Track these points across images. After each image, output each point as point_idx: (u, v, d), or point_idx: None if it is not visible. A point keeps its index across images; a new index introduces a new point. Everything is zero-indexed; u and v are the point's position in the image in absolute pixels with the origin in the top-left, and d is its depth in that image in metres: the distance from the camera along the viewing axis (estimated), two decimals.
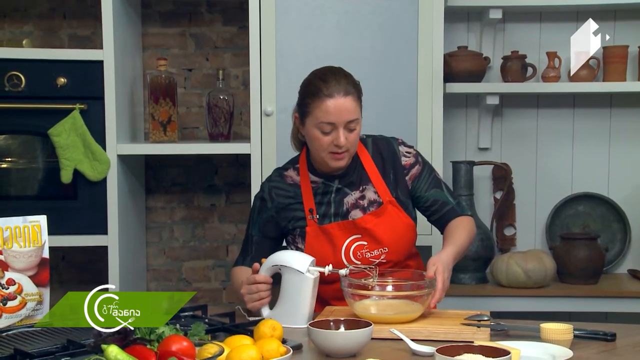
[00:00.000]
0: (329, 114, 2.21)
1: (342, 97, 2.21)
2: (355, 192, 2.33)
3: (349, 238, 2.28)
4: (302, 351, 1.85)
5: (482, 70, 3.36)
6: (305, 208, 2.31)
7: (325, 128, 2.23)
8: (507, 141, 3.55)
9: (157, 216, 3.56)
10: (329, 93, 2.21)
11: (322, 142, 2.24)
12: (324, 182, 2.33)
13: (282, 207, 2.33)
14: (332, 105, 2.20)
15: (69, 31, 3.49)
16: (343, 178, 2.33)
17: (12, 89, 3.00)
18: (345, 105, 2.21)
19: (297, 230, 2.32)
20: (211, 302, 3.51)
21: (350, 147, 2.25)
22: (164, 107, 3.19)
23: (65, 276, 3.53)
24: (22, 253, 2.02)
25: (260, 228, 2.36)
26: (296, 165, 2.38)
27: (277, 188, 2.36)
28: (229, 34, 3.52)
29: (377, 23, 3.03)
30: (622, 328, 2.02)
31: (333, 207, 2.31)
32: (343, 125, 2.22)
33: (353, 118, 2.22)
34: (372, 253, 2.28)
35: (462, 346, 1.66)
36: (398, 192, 2.32)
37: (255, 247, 2.35)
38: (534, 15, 3.49)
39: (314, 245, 2.28)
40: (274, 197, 2.35)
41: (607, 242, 3.47)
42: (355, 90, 2.25)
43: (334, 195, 2.32)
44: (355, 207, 2.31)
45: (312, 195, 2.32)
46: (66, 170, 3.00)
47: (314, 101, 2.24)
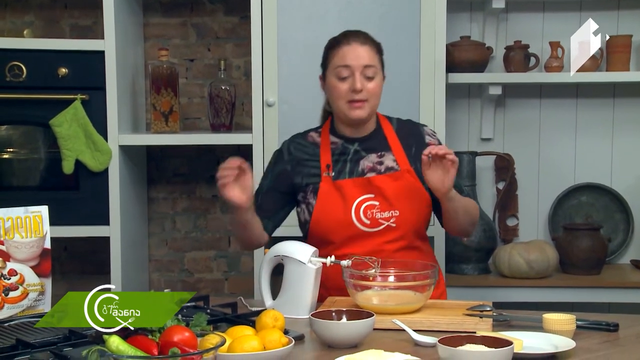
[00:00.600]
0: (344, 58, 2.27)
1: (359, 44, 2.28)
2: (373, 155, 2.34)
3: (361, 196, 2.29)
4: (304, 342, 1.85)
5: (484, 60, 3.35)
6: (322, 164, 2.33)
7: (342, 73, 2.28)
8: (509, 131, 3.54)
9: (159, 207, 3.56)
10: (347, 41, 2.30)
11: (340, 90, 2.28)
12: (344, 143, 2.36)
13: (299, 161, 2.37)
14: (348, 50, 2.28)
15: (70, 21, 3.48)
16: (363, 142, 2.36)
17: (13, 79, 2.99)
18: (361, 51, 2.27)
19: (310, 186, 2.34)
20: (213, 292, 3.51)
21: (369, 97, 2.28)
22: (166, 98, 3.18)
23: (67, 267, 3.53)
24: (24, 244, 2.02)
25: (273, 179, 2.39)
26: (319, 129, 2.43)
27: (297, 144, 2.40)
28: (231, 24, 3.51)
29: (379, 13, 3.02)
30: (624, 318, 2.01)
31: (349, 165, 2.33)
32: (360, 71, 2.26)
33: (370, 64, 2.27)
34: (383, 214, 2.28)
35: (465, 337, 1.66)
36: (417, 166, 2.30)
37: (262, 197, 2.37)
38: (537, 5, 3.48)
39: (326, 201, 2.29)
40: (292, 151, 2.39)
41: (610, 233, 3.47)
42: (375, 45, 2.32)
43: (351, 156, 2.35)
44: (372, 170, 2.33)
45: (330, 154, 2.35)
46: (68, 160, 3.00)
47: (332, 51, 2.32)
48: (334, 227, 2.28)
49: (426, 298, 2.05)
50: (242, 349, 1.62)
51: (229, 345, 1.63)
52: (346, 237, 2.28)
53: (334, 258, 2.11)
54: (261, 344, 1.64)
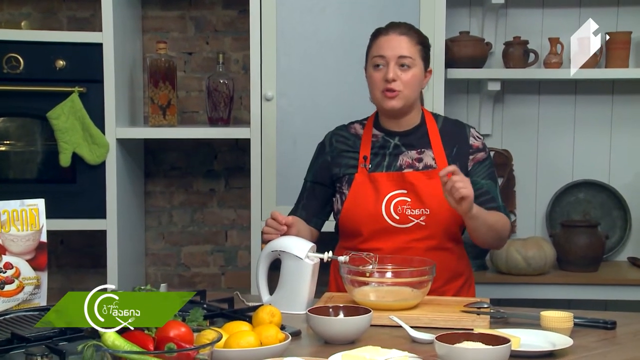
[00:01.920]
0: (380, 47, 2.28)
1: (397, 35, 2.28)
2: (413, 151, 2.33)
3: (394, 191, 2.28)
4: (300, 337, 1.84)
5: (483, 56, 3.34)
6: (360, 155, 2.34)
7: (377, 61, 2.28)
8: (508, 127, 3.53)
9: (156, 200, 3.55)
10: (386, 31, 2.31)
11: (375, 79, 2.29)
12: (384, 136, 2.36)
13: (338, 152, 2.38)
14: (385, 39, 2.29)
15: (68, 13, 3.47)
16: (404, 137, 2.35)
17: (10, 71, 2.98)
18: (398, 41, 2.27)
19: (346, 176, 2.35)
20: (210, 287, 3.51)
21: (403, 88, 2.27)
22: (164, 91, 3.17)
23: (64, 260, 3.52)
24: (20, 237, 2.01)
25: (315, 173, 2.41)
26: (364, 121, 2.43)
27: (339, 135, 2.41)
28: (230, 17, 3.50)
29: (378, 7, 3.01)
30: (622, 316, 2.01)
31: (388, 159, 2.33)
32: (394, 61, 2.26)
33: (405, 54, 2.26)
34: (413, 212, 2.27)
35: (462, 334, 1.65)
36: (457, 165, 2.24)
37: (307, 194, 2.40)
38: (537, 1, 3.47)
39: (358, 192, 2.30)
40: (333, 143, 2.40)
41: (608, 230, 3.46)
42: (417, 36, 2.31)
43: (390, 150, 2.34)
44: (409, 166, 2.32)
45: (369, 146, 2.35)
46: (65, 153, 2.99)
47: (372, 41, 2.33)
48: (363, 219, 2.28)
49: (424, 295, 2.04)
50: (239, 345, 1.61)
51: (226, 341, 1.62)
52: (375, 230, 2.28)
53: (331, 254, 2.10)
54: (258, 339, 1.64)
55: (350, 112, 3.02)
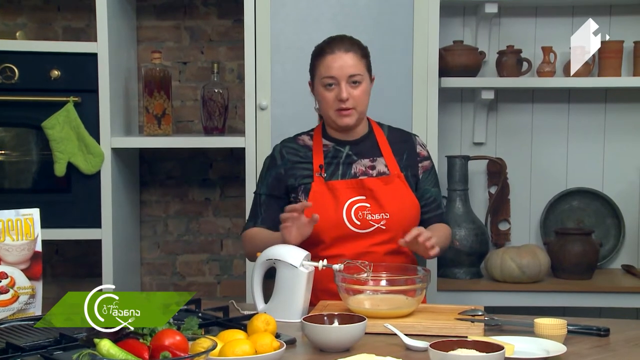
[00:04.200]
0: (329, 68, 2.31)
1: (343, 53, 2.31)
2: (365, 160, 2.39)
3: (353, 197, 2.31)
4: (295, 346, 1.84)
5: (477, 65, 3.35)
6: (314, 165, 2.37)
7: (327, 81, 2.31)
8: (502, 136, 3.54)
9: (152, 210, 3.56)
10: (331, 50, 2.33)
11: (327, 99, 2.33)
12: (335, 146, 2.40)
13: (291, 164, 2.40)
14: (332, 60, 2.31)
15: (63, 23, 3.48)
16: (355, 145, 2.40)
17: (5, 81, 2.99)
18: (346, 60, 2.31)
19: (302, 186, 2.36)
20: (205, 296, 3.50)
21: (356, 104, 2.32)
22: (159, 101, 3.18)
23: (59, 270, 3.52)
24: (15, 246, 2.01)
25: (269, 186, 2.42)
26: (310, 132, 2.46)
27: (289, 147, 2.44)
28: (224, 27, 3.51)
29: (372, 17, 3.02)
30: (615, 323, 2.02)
31: (341, 168, 2.37)
32: (345, 80, 2.30)
33: (355, 73, 2.31)
34: (374, 216, 2.31)
35: (456, 341, 1.66)
36: (408, 172, 2.40)
37: (264, 208, 2.41)
38: (530, 10, 3.49)
39: (317, 201, 2.31)
40: (284, 155, 2.42)
41: (602, 238, 3.47)
42: (360, 49, 2.35)
43: (343, 159, 2.38)
44: (364, 174, 2.37)
45: (322, 156, 2.38)
46: (60, 163, 2.99)
47: (317, 60, 2.36)
48: (324, 227, 2.29)
49: (418, 302, 2.05)
50: (234, 353, 1.61)
51: (220, 349, 1.63)
52: (336, 237, 2.30)
53: (326, 262, 2.11)
54: (253, 348, 1.64)
55: None
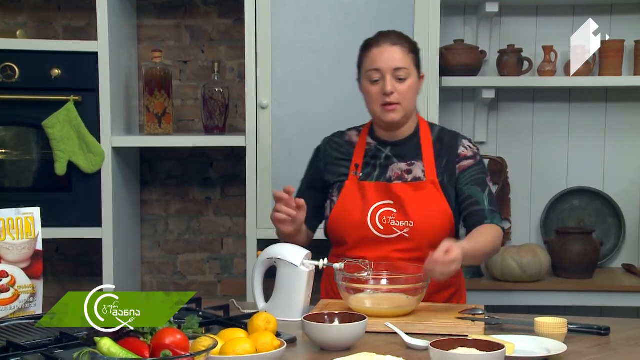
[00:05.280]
0: (374, 61, 2.26)
1: (389, 46, 2.26)
2: (402, 163, 2.32)
3: (381, 201, 2.27)
4: (296, 344, 1.85)
5: (478, 64, 3.35)
6: (352, 163, 2.34)
7: (373, 76, 2.26)
8: (502, 135, 3.54)
9: (152, 209, 3.55)
10: (377, 43, 2.28)
11: (372, 93, 2.27)
12: (377, 145, 2.35)
13: (332, 160, 2.38)
14: (378, 52, 2.26)
15: (64, 22, 3.47)
16: (396, 147, 2.34)
17: (5, 80, 2.99)
18: (391, 53, 2.25)
19: (337, 184, 2.35)
20: (205, 295, 3.50)
21: (401, 99, 2.25)
22: (159, 100, 3.18)
23: (59, 268, 3.52)
24: (15, 245, 2.01)
25: (309, 177, 2.43)
26: (360, 128, 2.43)
27: (334, 142, 2.41)
28: (225, 26, 3.51)
29: (373, 16, 3.02)
30: (616, 322, 2.02)
31: (378, 170, 2.32)
32: (390, 73, 2.24)
33: (400, 66, 2.24)
34: (397, 223, 2.25)
35: (457, 340, 1.66)
36: (444, 178, 2.28)
37: (301, 196, 2.37)
38: (531, 9, 3.49)
39: (346, 199, 2.30)
40: (327, 150, 2.41)
41: (602, 237, 3.47)
42: (407, 44, 2.29)
43: (382, 160, 2.33)
44: (398, 178, 2.30)
45: (362, 155, 2.35)
46: (60, 162, 2.99)
47: (364, 53, 2.30)
48: (349, 228, 2.28)
49: (418, 301, 2.05)
50: (234, 352, 1.61)
51: (221, 348, 1.62)
52: (359, 239, 2.27)
53: (326, 261, 2.11)
54: (253, 346, 1.64)
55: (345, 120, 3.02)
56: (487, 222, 2.23)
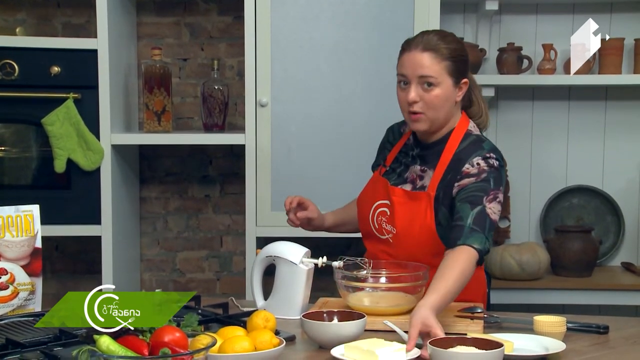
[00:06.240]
0: (402, 66, 2.14)
1: (419, 52, 2.10)
2: (419, 167, 2.23)
3: (381, 200, 2.26)
4: (295, 342, 1.85)
5: (477, 62, 3.35)
6: (389, 153, 2.34)
7: (400, 80, 2.15)
8: (502, 133, 3.54)
9: (151, 206, 3.55)
10: (408, 46, 2.14)
11: (400, 99, 2.17)
12: (412, 144, 2.28)
13: (384, 143, 2.41)
14: (407, 57, 2.13)
15: (63, 19, 3.47)
16: (422, 150, 2.24)
17: (5, 78, 2.98)
18: (419, 59, 2.10)
19: (377, 167, 2.38)
20: (205, 292, 3.51)
21: (426, 109, 2.12)
22: (159, 97, 3.18)
23: (58, 266, 3.52)
24: (15, 242, 2.01)
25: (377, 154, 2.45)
26: None
27: (395, 128, 2.40)
28: (224, 24, 3.50)
29: (372, 14, 3.02)
30: (615, 321, 2.02)
31: (401, 168, 2.29)
32: (416, 80, 2.11)
33: (427, 74, 2.09)
34: (387, 227, 2.24)
35: (455, 338, 1.66)
36: (441, 193, 2.14)
37: None
38: (530, 7, 3.49)
39: (367, 189, 2.33)
40: (388, 132, 2.41)
41: (601, 235, 3.47)
42: (446, 50, 2.11)
43: (409, 159, 2.27)
44: (412, 181, 2.22)
45: (399, 149, 2.33)
46: (60, 159, 2.99)
47: (399, 55, 2.18)
48: (360, 216, 2.33)
49: (417, 299, 2.04)
50: (233, 350, 1.61)
51: (220, 346, 1.63)
52: (364, 231, 2.32)
53: (325, 259, 2.11)
54: (252, 344, 1.64)
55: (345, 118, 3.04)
56: (460, 242, 1.98)
